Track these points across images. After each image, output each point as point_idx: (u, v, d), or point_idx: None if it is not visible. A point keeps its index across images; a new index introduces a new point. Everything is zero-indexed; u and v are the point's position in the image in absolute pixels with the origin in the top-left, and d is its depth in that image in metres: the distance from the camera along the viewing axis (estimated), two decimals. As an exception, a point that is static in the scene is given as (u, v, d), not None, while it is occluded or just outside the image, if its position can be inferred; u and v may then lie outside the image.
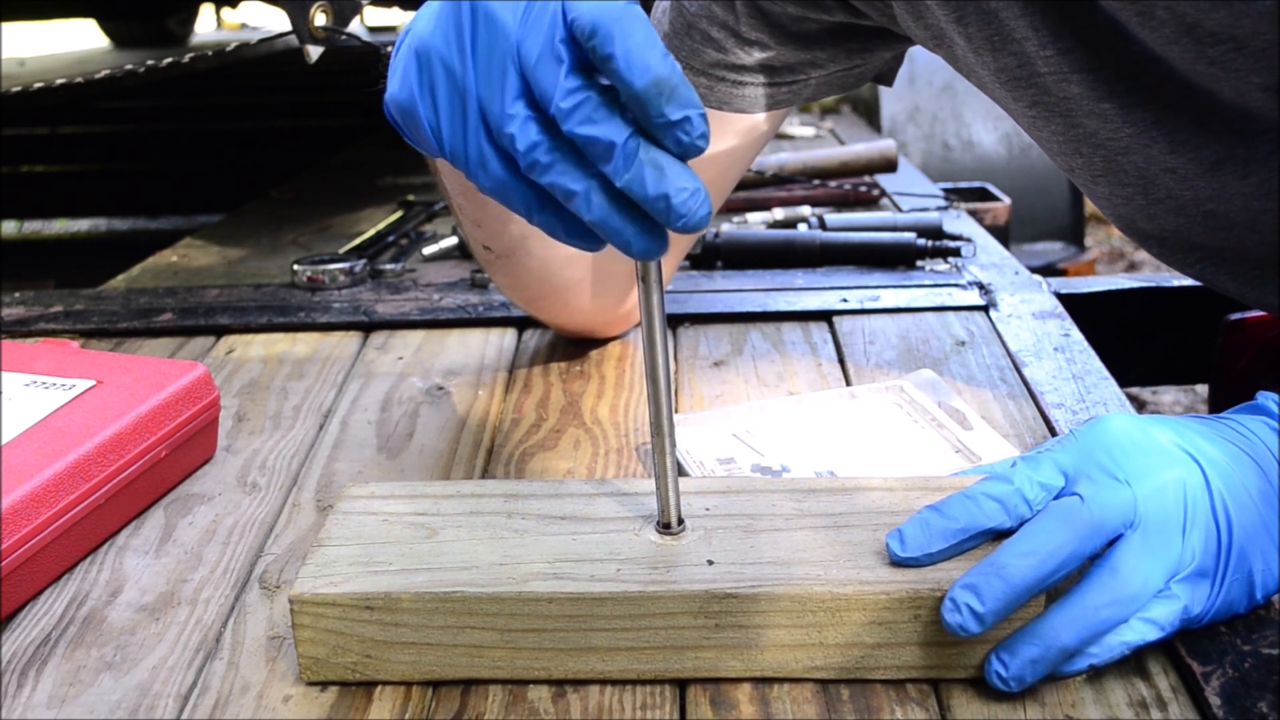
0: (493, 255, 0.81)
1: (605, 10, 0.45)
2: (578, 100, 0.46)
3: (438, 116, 0.51)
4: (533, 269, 0.82)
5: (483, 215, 0.76)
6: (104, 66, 1.45)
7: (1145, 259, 3.34)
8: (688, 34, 0.77)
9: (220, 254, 1.34)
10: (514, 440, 0.81)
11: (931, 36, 0.73)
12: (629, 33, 0.45)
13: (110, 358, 0.77)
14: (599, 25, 0.45)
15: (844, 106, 2.35)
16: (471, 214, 0.77)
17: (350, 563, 0.56)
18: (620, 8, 0.45)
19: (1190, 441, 0.56)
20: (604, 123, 0.46)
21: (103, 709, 0.55)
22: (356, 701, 0.55)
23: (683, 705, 0.54)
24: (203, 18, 4.22)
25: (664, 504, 0.57)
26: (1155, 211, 0.70)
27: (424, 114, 0.51)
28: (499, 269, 0.83)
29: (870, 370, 0.89)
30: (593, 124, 0.46)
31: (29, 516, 0.63)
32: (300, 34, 0.92)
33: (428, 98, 0.51)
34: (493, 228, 0.78)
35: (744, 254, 1.16)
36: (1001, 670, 0.52)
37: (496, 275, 0.85)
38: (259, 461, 0.78)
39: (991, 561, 0.52)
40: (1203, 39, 0.59)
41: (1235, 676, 0.53)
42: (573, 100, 0.46)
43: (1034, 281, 1.07)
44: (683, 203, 0.46)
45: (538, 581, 0.54)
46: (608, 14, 0.45)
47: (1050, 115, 0.70)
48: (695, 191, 0.46)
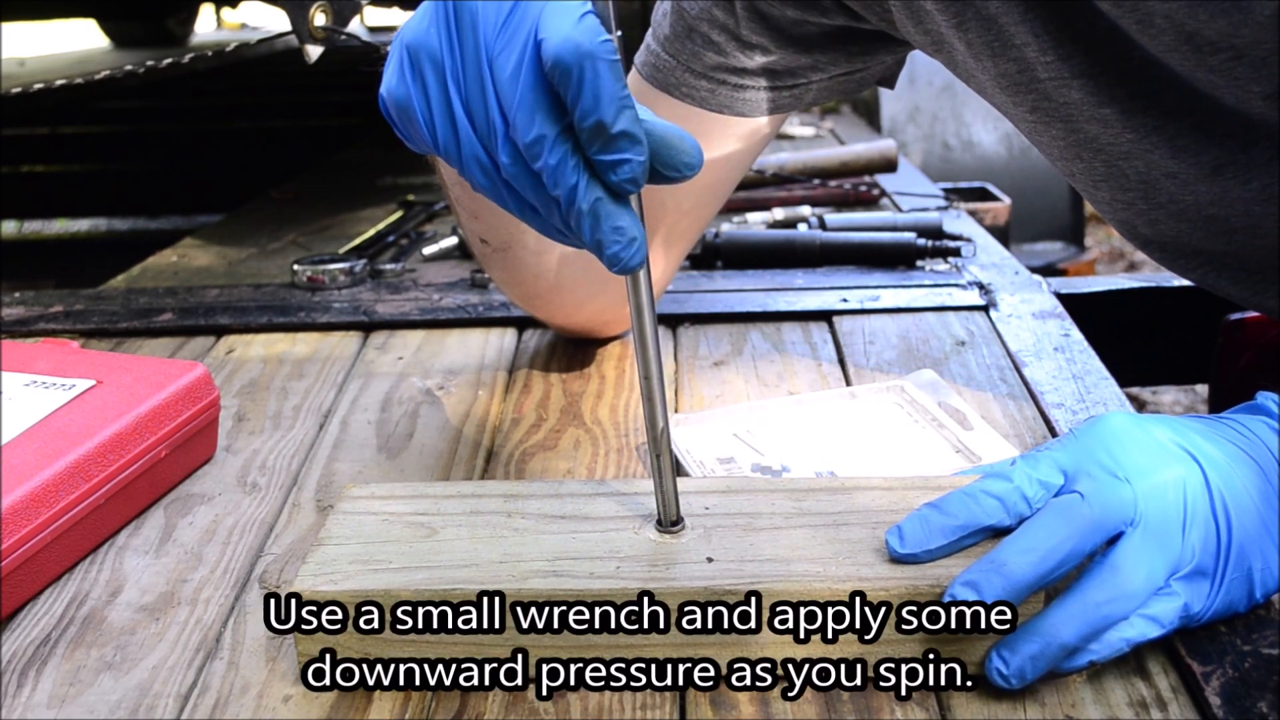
0: (489, 249, 0.81)
1: (570, 47, 0.46)
2: (533, 137, 0.48)
3: (431, 112, 0.51)
4: (529, 264, 0.82)
5: (479, 207, 0.76)
6: (104, 66, 1.45)
7: (1145, 259, 3.34)
8: (689, 37, 0.77)
9: (220, 254, 1.34)
10: (514, 440, 0.81)
11: (931, 42, 0.73)
12: (586, 74, 0.46)
13: (110, 358, 0.77)
14: (560, 60, 0.46)
15: (844, 106, 2.35)
16: (468, 206, 0.76)
17: (350, 561, 0.56)
18: (585, 46, 0.46)
19: (1190, 440, 0.56)
20: (556, 163, 0.48)
21: (103, 709, 0.55)
22: (356, 701, 0.55)
23: (682, 705, 0.54)
24: (203, 18, 4.22)
25: (661, 502, 0.57)
26: (1156, 217, 0.70)
27: (418, 108, 0.51)
28: (496, 263, 0.83)
29: (870, 370, 0.89)
30: (546, 162, 0.48)
31: (29, 516, 0.63)
32: (300, 34, 0.92)
33: (421, 92, 0.51)
34: (489, 220, 0.77)
35: (744, 254, 1.16)
36: (1002, 667, 0.52)
37: (494, 270, 0.85)
38: (259, 461, 0.78)
39: (991, 558, 0.52)
40: (1202, 47, 0.59)
41: (1235, 676, 0.53)
42: (529, 136, 0.48)
43: (1034, 281, 1.07)
44: (614, 254, 0.49)
45: (537, 579, 0.54)
46: (572, 51, 0.46)
47: (1050, 121, 0.70)
48: (629, 243, 0.49)
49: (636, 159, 0.48)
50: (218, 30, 5.24)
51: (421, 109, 0.51)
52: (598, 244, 0.49)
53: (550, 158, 0.48)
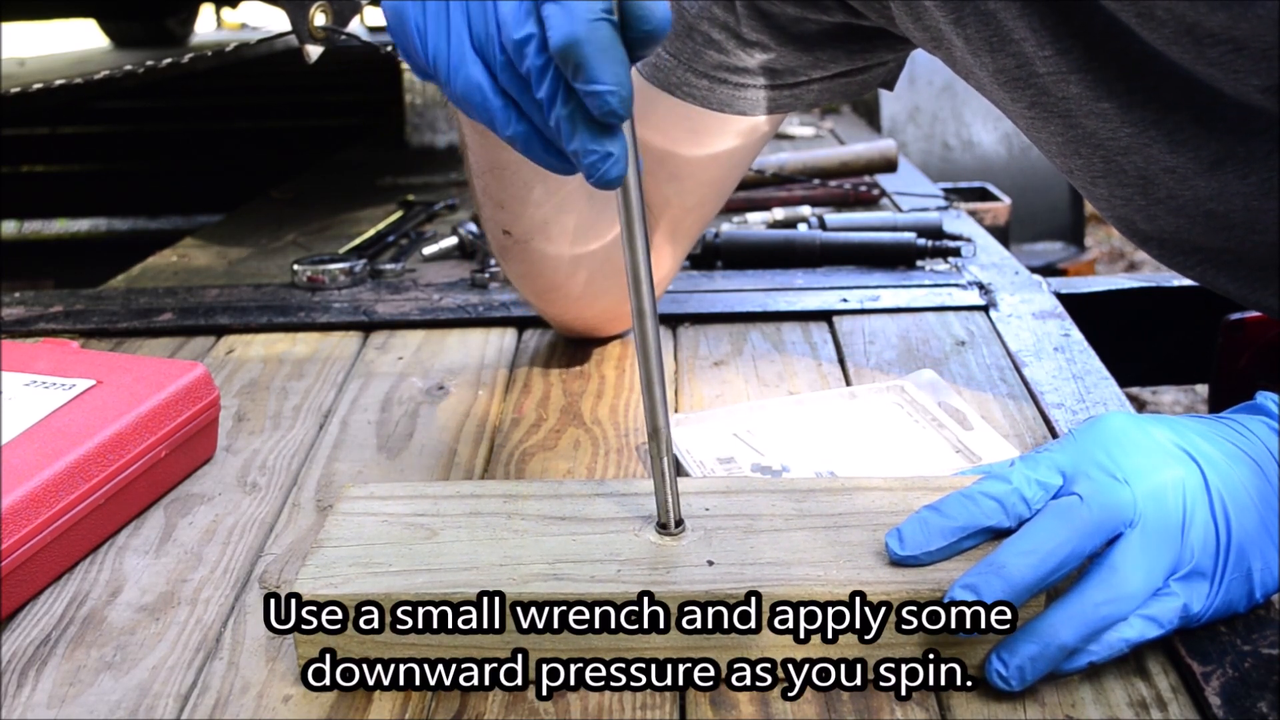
0: (511, 240, 0.81)
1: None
2: (522, 35, 0.49)
3: (425, 19, 0.53)
4: (549, 257, 0.82)
5: (506, 196, 0.76)
6: (104, 66, 1.45)
7: (1145, 259, 3.34)
8: (689, 36, 0.77)
9: (220, 254, 1.34)
10: (514, 440, 0.81)
11: (930, 38, 0.73)
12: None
13: (110, 358, 0.77)
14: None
15: (844, 106, 2.35)
16: (495, 194, 0.77)
17: (350, 563, 0.56)
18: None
19: (1188, 441, 0.56)
20: (541, 65, 0.48)
21: (103, 709, 0.55)
22: (356, 701, 0.55)
23: (682, 706, 0.54)
24: (203, 18, 4.22)
25: (662, 504, 0.57)
26: (1155, 212, 0.70)
27: (412, 16, 0.53)
28: (515, 256, 0.83)
29: (870, 370, 0.89)
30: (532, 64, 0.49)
31: (29, 516, 0.63)
32: (300, 34, 0.92)
33: (419, 6, 0.53)
34: (515, 209, 0.78)
35: (744, 254, 1.16)
36: (1002, 669, 0.52)
37: (511, 264, 0.85)
38: (259, 461, 0.78)
39: (991, 561, 0.52)
40: (1202, 39, 0.59)
41: (1235, 676, 0.53)
42: (518, 34, 0.49)
43: (1034, 281, 1.07)
44: (591, 164, 0.49)
45: (538, 582, 0.54)
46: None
47: (1049, 116, 0.70)
48: (605, 157, 0.49)
49: (605, 88, 0.47)
50: (218, 30, 5.24)
51: (416, 15, 0.53)
52: (575, 154, 0.49)
53: (536, 59, 0.48)
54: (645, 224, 0.52)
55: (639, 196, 0.52)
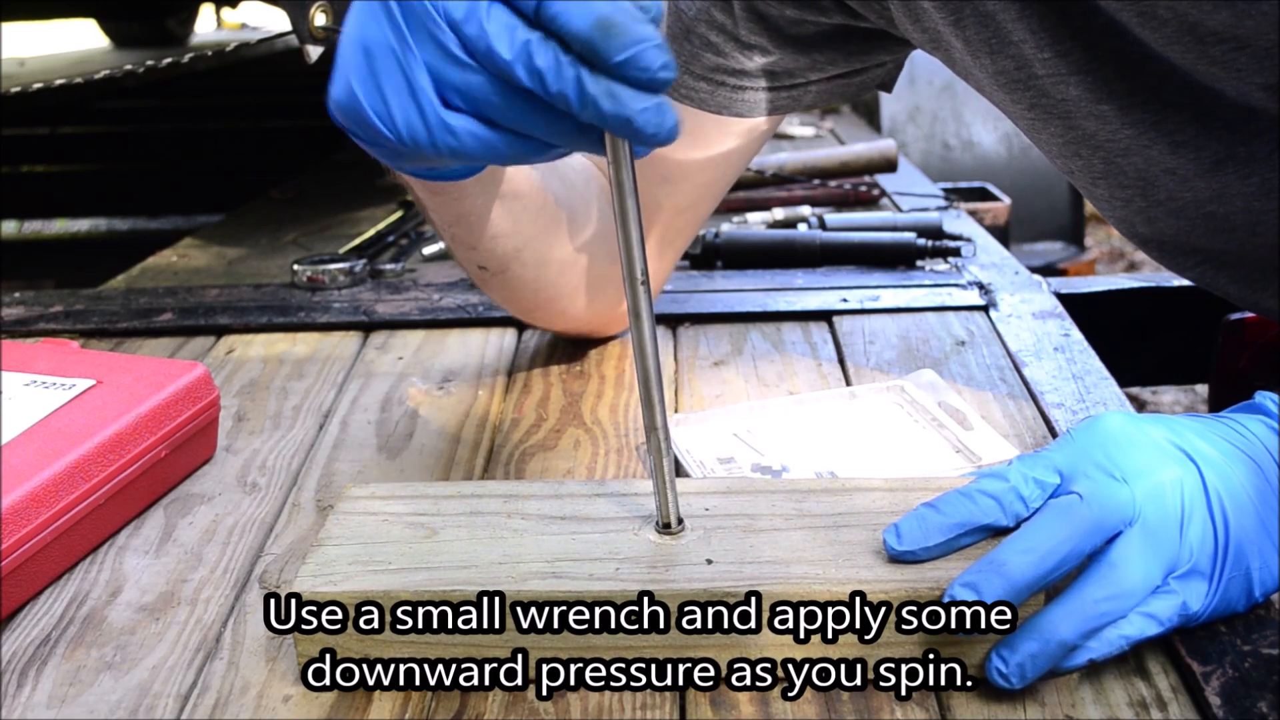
0: (488, 274, 0.81)
1: None
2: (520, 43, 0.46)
3: (385, 102, 0.50)
4: (528, 280, 0.82)
5: (477, 238, 0.76)
6: (104, 66, 1.45)
7: (1145, 259, 3.34)
8: (686, 38, 0.77)
9: (220, 254, 1.34)
10: (514, 440, 0.81)
11: (929, 39, 0.73)
12: None
13: (110, 358, 0.77)
14: None
15: (844, 106, 2.35)
16: (465, 239, 0.76)
17: (350, 562, 0.56)
18: None
19: (1186, 440, 0.56)
20: (551, 62, 0.46)
21: (103, 709, 0.55)
22: (356, 701, 0.55)
23: (682, 705, 0.54)
24: (203, 18, 4.22)
25: (661, 503, 0.57)
26: (1155, 214, 0.70)
27: (368, 104, 0.50)
28: (495, 285, 0.83)
29: (870, 370, 0.89)
30: (538, 65, 0.46)
31: (29, 516, 0.63)
32: (300, 34, 0.92)
33: (370, 86, 0.50)
34: (487, 247, 0.77)
35: (744, 254, 1.16)
36: (1002, 666, 0.52)
37: (493, 292, 0.85)
38: (259, 461, 0.78)
39: (991, 559, 0.52)
40: (1205, 38, 0.59)
41: (1235, 676, 0.53)
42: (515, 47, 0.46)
43: (1034, 281, 1.07)
44: (647, 121, 0.45)
45: (537, 581, 0.54)
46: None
47: (1049, 117, 0.70)
48: (656, 107, 0.45)
49: (649, 44, 0.44)
50: (218, 30, 5.23)
51: (372, 102, 0.50)
52: (626, 120, 0.45)
53: (542, 60, 0.46)
54: (640, 224, 0.52)
55: (634, 197, 0.51)
